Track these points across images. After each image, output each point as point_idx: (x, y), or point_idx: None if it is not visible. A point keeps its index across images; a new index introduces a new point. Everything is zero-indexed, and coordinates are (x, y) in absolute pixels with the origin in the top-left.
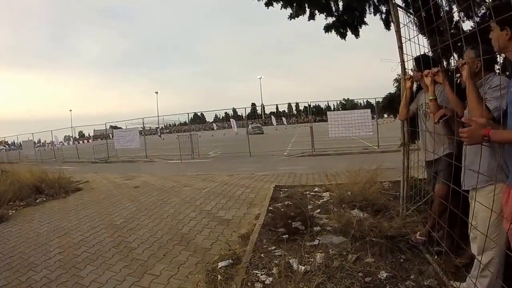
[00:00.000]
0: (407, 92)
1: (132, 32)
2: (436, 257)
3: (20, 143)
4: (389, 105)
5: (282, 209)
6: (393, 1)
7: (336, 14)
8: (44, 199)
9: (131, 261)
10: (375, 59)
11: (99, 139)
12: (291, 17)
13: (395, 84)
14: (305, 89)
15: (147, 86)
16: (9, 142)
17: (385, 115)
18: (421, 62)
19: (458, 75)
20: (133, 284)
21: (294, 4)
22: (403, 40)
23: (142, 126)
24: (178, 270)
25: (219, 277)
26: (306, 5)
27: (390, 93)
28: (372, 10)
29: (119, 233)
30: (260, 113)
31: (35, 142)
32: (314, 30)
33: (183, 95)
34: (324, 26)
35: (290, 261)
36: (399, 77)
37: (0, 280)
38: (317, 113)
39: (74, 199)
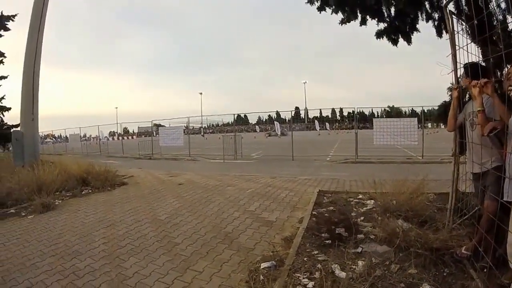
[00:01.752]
0: (454, 102)
1: (178, 35)
2: (480, 273)
3: (66, 136)
4: (444, 113)
5: (326, 214)
6: (447, 9)
7: (388, 20)
8: (90, 191)
9: (174, 256)
10: (421, 66)
11: (143, 136)
12: (343, 22)
13: (449, 93)
14: (348, 95)
15: (191, 87)
16: (56, 135)
17: (437, 124)
18: (470, 70)
19: (511, 87)
20: (175, 279)
21: (346, 9)
22: (453, 48)
23: (186, 125)
24: (220, 268)
25: (261, 277)
26: (358, 10)
27: (445, 101)
28: (425, 17)
29: (163, 228)
30: (303, 117)
31: (81, 136)
32: (360, 36)
33: (226, 97)
34: (376, 32)
35: (333, 266)
36: (452, 86)
37: (44, 265)
38: (361, 119)
39: (119, 193)
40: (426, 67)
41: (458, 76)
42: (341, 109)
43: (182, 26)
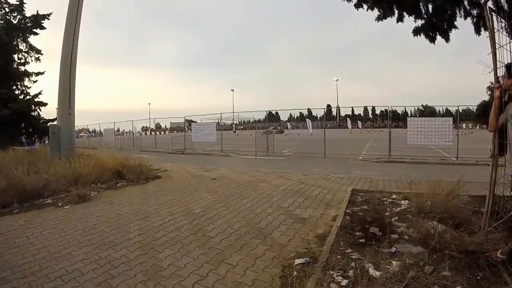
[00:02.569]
0: (496, 102)
1: (208, 34)
2: None
3: (101, 131)
4: (484, 113)
5: (360, 213)
6: (487, 6)
7: (426, 16)
8: (124, 183)
9: (208, 249)
10: (456, 65)
11: (175, 131)
12: (379, 18)
13: (488, 92)
14: (380, 93)
15: (221, 84)
16: (90, 130)
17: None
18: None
19: None
20: (210, 272)
21: (384, 6)
22: (493, 46)
23: (218, 121)
24: (254, 263)
25: (295, 273)
26: (395, 7)
27: (484, 101)
28: (463, 14)
29: (197, 221)
30: (335, 115)
31: (115, 130)
32: (394, 33)
33: (257, 94)
34: (413, 29)
35: (367, 265)
36: (492, 85)
37: (80, 254)
38: (394, 118)
39: (153, 186)
40: (461, 65)
41: (499, 75)
42: (373, 108)
43: (213, 24)
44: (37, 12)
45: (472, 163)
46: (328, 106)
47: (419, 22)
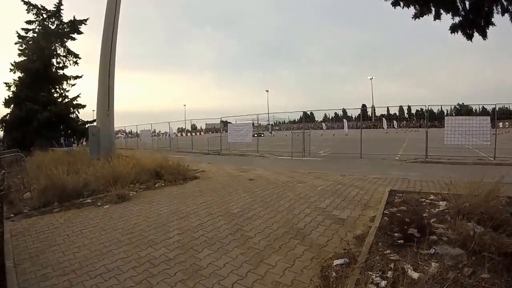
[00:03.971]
0: None
1: (244, 36)
2: None
3: (137, 132)
4: None
5: (398, 214)
6: None
7: (463, 13)
8: (163, 184)
9: (247, 249)
10: (493, 62)
11: (210, 132)
12: (416, 16)
13: None
14: (416, 92)
15: (256, 86)
16: (127, 131)
17: (500, 124)
18: None
19: None
20: (249, 271)
21: (421, 3)
22: None
23: (254, 122)
24: (293, 263)
25: (334, 274)
26: (432, 4)
27: None
28: (500, 10)
29: (235, 221)
30: (370, 115)
31: (151, 131)
32: (429, 31)
33: (291, 95)
34: (450, 27)
35: (405, 266)
36: None
37: (120, 253)
38: (430, 117)
39: (191, 186)
40: (499, 62)
41: None
42: (409, 107)
43: (249, 26)
44: (74, 17)
45: (510, 163)
46: (364, 106)
47: (456, 19)
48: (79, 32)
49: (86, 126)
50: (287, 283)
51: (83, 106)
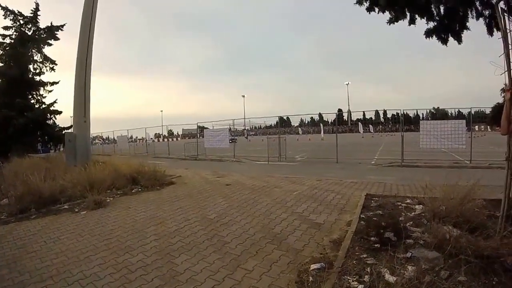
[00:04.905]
0: (507, 104)
1: (220, 40)
2: None
3: (114, 138)
4: (499, 115)
5: (374, 218)
6: (499, 6)
7: (438, 18)
8: (139, 189)
9: (224, 254)
10: (468, 66)
11: (187, 138)
12: (391, 21)
13: (502, 94)
14: (392, 97)
15: (233, 91)
16: (104, 137)
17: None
18: None
19: None
20: (226, 277)
21: (396, 8)
22: (506, 48)
23: (230, 127)
24: (270, 268)
25: (311, 278)
26: (407, 9)
27: (498, 103)
28: (475, 14)
29: (212, 226)
30: (346, 119)
31: (128, 137)
32: (404, 36)
33: (268, 100)
34: (425, 31)
35: (382, 270)
36: (505, 87)
37: (97, 259)
38: (405, 121)
39: (168, 192)
40: (473, 67)
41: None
42: (384, 111)
43: (224, 31)
44: (51, 23)
45: (486, 166)
46: (340, 110)
47: (431, 24)
48: (56, 38)
49: (63, 132)
50: None
51: (60, 112)
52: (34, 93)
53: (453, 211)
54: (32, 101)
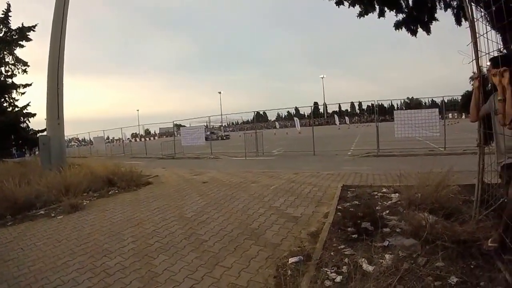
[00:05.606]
0: (476, 92)
1: (197, 36)
2: (508, 265)
3: (91, 139)
4: (469, 103)
5: (351, 209)
6: None
7: (406, 10)
8: (116, 191)
9: (202, 253)
10: (441, 56)
11: (164, 136)
12: (360, 15)
13: (471, 83)
14: (367, 88)
15: (210, 87)
16: (80, 139)
17: (461, 114)
18: (493, 60)
19: None
20: (205, 275)
21: (364, 2)
22: (474, 37)
23: (206, 124)
24: (248, 264)
25: (289, 272)
26: (376, 2)
27: (467, 91)
28: (443, 6)
29: (190, 225)
30: (322, 112)
31: (105, 138)
32: (377, 29)
33: (245, 95)
34: (394, 23)
35: (360, 260)
36: (473, 75)
37: (74, 264)
38: (380, 112)
39: (145, 192)
40: (445, 56)
41: (480, 65)
42: (360, 103)
43: (199, 27)
44: (22, 24)
45: (460, 152)
46: (315, 103)
47: (400, 16)
48: (28, 39)
49: (38, 135)
50: (243, 284)
51: (34, 115)
52: (6, 96)
53: (429, 198)
54: (5, 105)
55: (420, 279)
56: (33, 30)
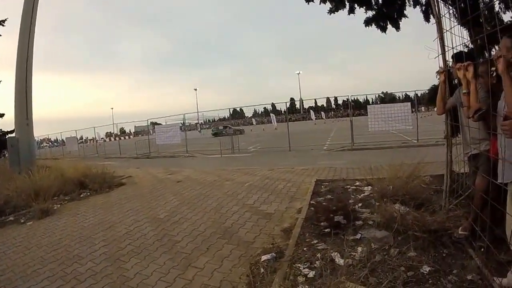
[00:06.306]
0: (442, 86)
1: (172, 33)
2: (478, 252)
3: (63, 140)
4: (435, 96)
5: (324, 203)
6: None
7: (376, 7)
8: (88, 193)
9: (175, 254)
10: (413, 52)
11: (139, 135)
12: (331, 11)
13: (437, 77)
14: (343, 83)
15: (187, 84)
16: (52, 139)
17: (428, 108)
18: (456, 56)
19: (493, 68)
20: (177, 277)
21: None
22: (440, 32)
23: (182, 122)
24: (221, 263)
25: (262, 270)
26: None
27: (434, 85)
28: (412, 3)
29: (162, 226)
30: (298, 107)
31: (78, 138)
32: (351, 25)
33: (222, 92)
34: (364, 20)
35: (333, 254)
36: (439, 69)
37: (45, 272)
38: (356, 107)
39: (117, 194)
40: (418, 51)
41: (446, 59)
42: (335, 98)
43: (174, 23)
44: None
45: (432, 144)
46: (292, 99)
47: (370, 13)
48: None
49: (7, 137)
50: (215, 285)
51: (2, 115)
52: None
53: (400, 189)
54: None
55: (393, 270)
56: (3, 25)
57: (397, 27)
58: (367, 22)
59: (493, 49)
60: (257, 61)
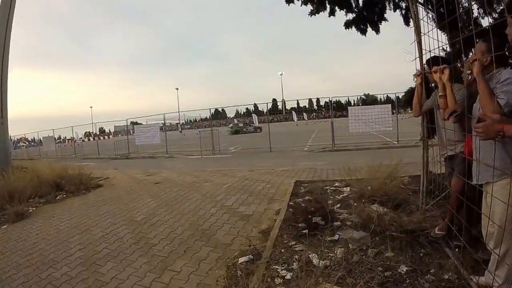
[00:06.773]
0: (418, 88)
1: (154, 31)
2: (455, 251)
3: (40, 140)
4: (412, 99)
5: (303, 204)
6: None
7: (356, 10)
8: (64, 195)
9: (151, 257)
10: (395, 54)
11: (119, 135)
12: (312, 13)
13: (414, 79)
14: (325, 85)
15: (168, 84)
16: (29, 139)
17: (404, 110)
18: (432, 61)
19: (469, 71)
20: (153, 281)
21: (315, 1)
22: (418, 36)
23: (162, 122)
24: (198, 266)
25: (239, 272)
26: (327, 2)
27: (411, 88)
28: (392, 7)
29: (139, 229)
30: (281, 108)
31: (55, 138)
32: (335, 27)
33: (204, 92)
34: (345, 23)
35: (310, 256)
36: (416, 72)
37: (20, 277)
38: (338, 108)
39: (94, 196)
40: (398, 54)
41: (423, 63)
42: (317, 99)
43: (156, 21)
44: None
45: (412, 145)
46: (274, 100)
47: (350, 16)
48: None
49: None
50: None
51: None
52: None
53: (378, 190)
54: None
55: (371, 270)
56: None
57: (377, 30)
58: (347, 25)
59: (470, 53)
60: (239, 62)
